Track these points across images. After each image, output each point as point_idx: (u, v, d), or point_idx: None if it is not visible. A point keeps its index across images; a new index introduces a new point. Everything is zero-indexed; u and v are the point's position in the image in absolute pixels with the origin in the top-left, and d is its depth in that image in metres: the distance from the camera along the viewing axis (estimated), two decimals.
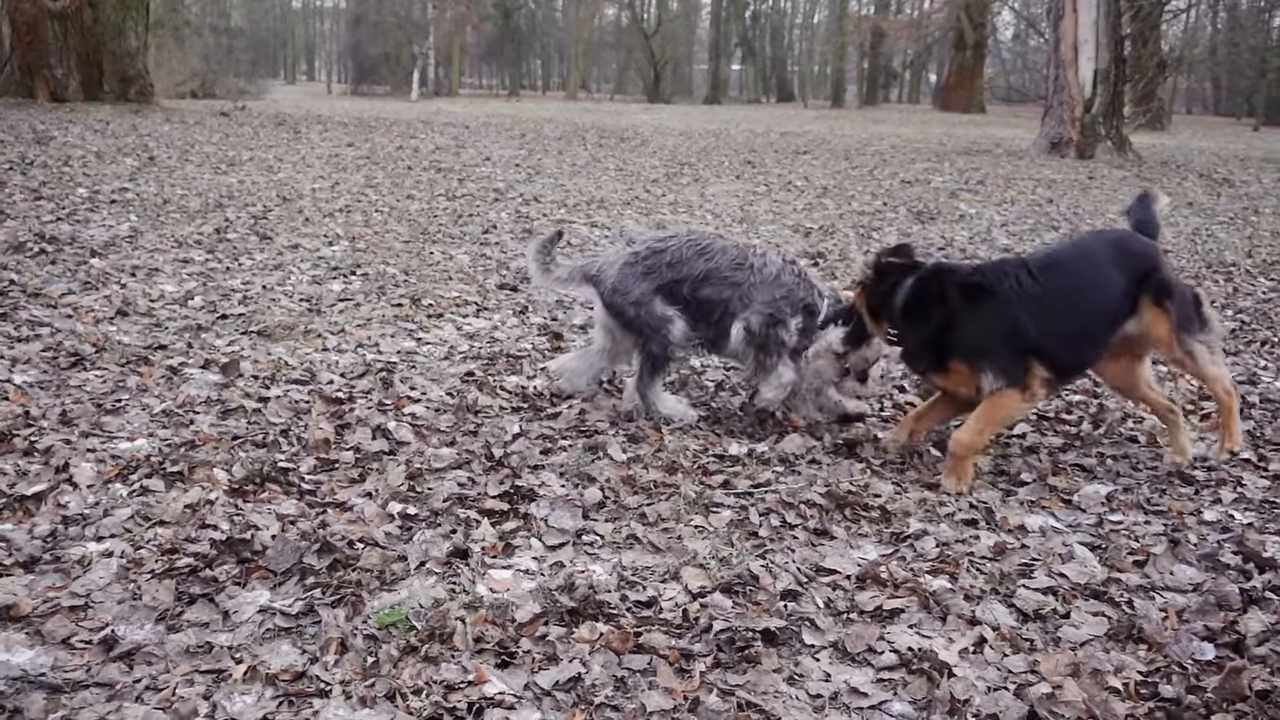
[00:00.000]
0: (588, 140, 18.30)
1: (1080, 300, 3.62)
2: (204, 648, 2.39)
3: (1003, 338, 3.53)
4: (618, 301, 4.05)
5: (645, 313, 4.01)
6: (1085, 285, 3.66)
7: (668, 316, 4.01)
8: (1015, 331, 3.51)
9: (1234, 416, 3.81)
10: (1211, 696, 2.29)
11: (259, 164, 11.89)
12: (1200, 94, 63.07)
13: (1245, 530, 3.18)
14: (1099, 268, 3.68)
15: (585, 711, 2.20)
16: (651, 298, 4.01)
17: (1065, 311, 3.57)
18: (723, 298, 4.01)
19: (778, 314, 3.99)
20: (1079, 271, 3.70)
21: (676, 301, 4.02)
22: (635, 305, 4.02)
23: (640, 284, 4.02)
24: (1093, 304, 3.64)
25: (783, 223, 9.33)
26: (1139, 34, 21.04)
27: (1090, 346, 3.68)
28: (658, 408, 4.05)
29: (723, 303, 4.01)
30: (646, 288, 4.02)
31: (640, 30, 59.10)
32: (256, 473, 3.30)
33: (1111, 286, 3.65)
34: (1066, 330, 3.57)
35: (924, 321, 3.62)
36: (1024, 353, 3.50)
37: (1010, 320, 3.52)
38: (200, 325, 5.05)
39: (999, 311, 3.53)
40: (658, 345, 4.02)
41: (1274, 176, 15.76)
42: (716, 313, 4.03)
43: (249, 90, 33.93)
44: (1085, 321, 3.64)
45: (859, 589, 2.77)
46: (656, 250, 4.07)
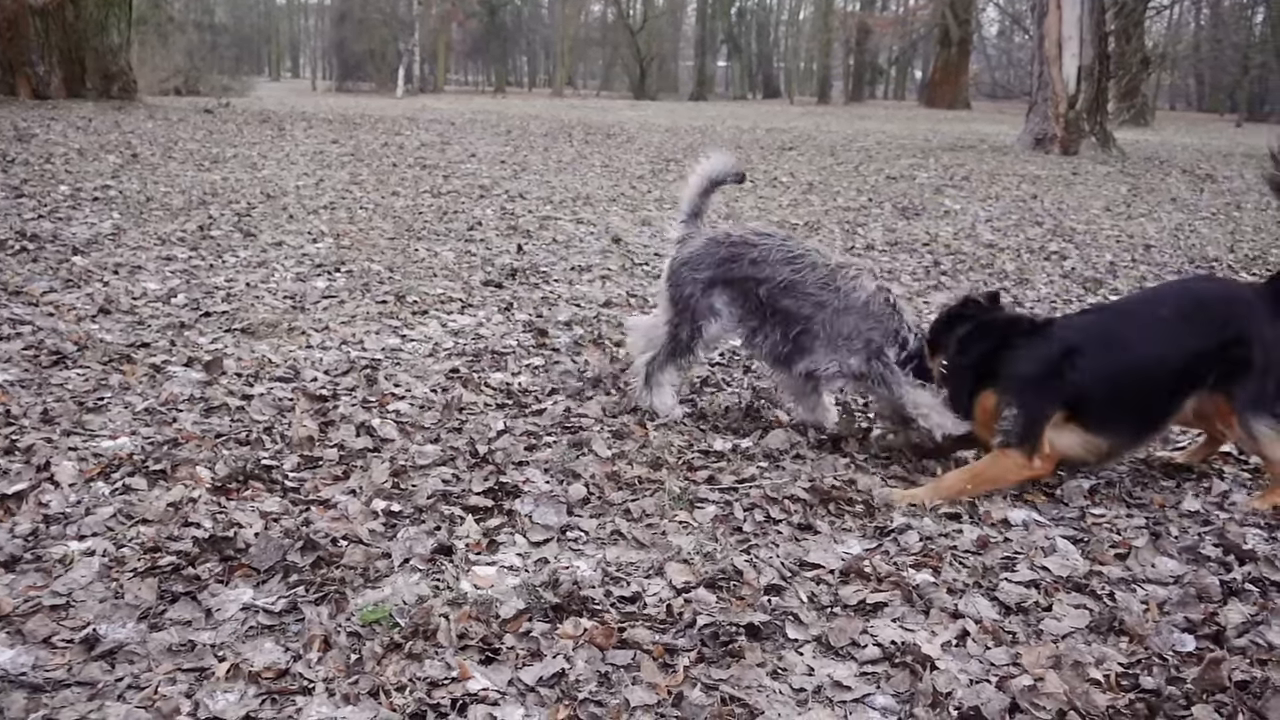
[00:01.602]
0: (573, 137, 18.28)
1: (1130, 365, 3.35)
2: (186, 646, 2.38)
3: (1031, 394, 3.35)
4: (683, 274, 3.95)
5: (698, 298, 3.92)
6: (1140, 347, 3.37)
7: (715, 310, 3.91)
8: (1044, 390, 3.33)
9: None
10: (1191, 688, 2.31)
11: (243, 161, 11.84)
12: (1184, 90, 63.44)
13: (1226, 523, 3.20)
14: (1168, 323, 3.38)
15: (569, 707, 2.20)
16: (713, 287, 3.90)
17: (1108, 377, 3.33)
18: (804, 314, 3.79)
19: (873, 349, 3.75)
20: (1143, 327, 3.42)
21: (747, 301, 3.87)
22: (694, 285, 3.92)
23: (711, 269, 3.91)
24: (1142, 371, 3.35)
25: (768, 219, 9.34)
26: (1122, 30, 21.13)
27: (1133, 419, 3.40)
28: (651, 394, 4.00)
29: (803, 319, 3.79)
30: (715, 275, 3.90)
31: (626, 26, 59.08)
32: (240, 470, 3.28)
33: (1174, 353, 3.34)
34: (1105, 398, 3.34)
35: (967, 361, 3.51)
36: (1045, 416, 3.32)
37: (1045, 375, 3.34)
38: (183, 323, 5.02)
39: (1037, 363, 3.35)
40: (687, 334, 3.95)
41: (1256, 172, 15.85)
42: (795, 328, 3.81)
43: (233, 87, 33.75)
44: (1131, 390, 3.35)
45: (842, 583, 2.78)
46: (746, 243, 3.90)
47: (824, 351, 3.80)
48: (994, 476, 3.37)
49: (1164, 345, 3.35)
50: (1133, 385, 3.34)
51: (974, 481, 3.36)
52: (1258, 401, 3.30)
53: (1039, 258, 7.93)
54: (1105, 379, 3.33)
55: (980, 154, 17.26)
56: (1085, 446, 3.38)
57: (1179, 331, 3.35)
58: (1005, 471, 3.35)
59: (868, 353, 3.76)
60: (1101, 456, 3.47)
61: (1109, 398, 3.33)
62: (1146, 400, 3.37)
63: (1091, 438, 3.36)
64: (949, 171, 14.13)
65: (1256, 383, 3.30)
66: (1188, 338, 3.33)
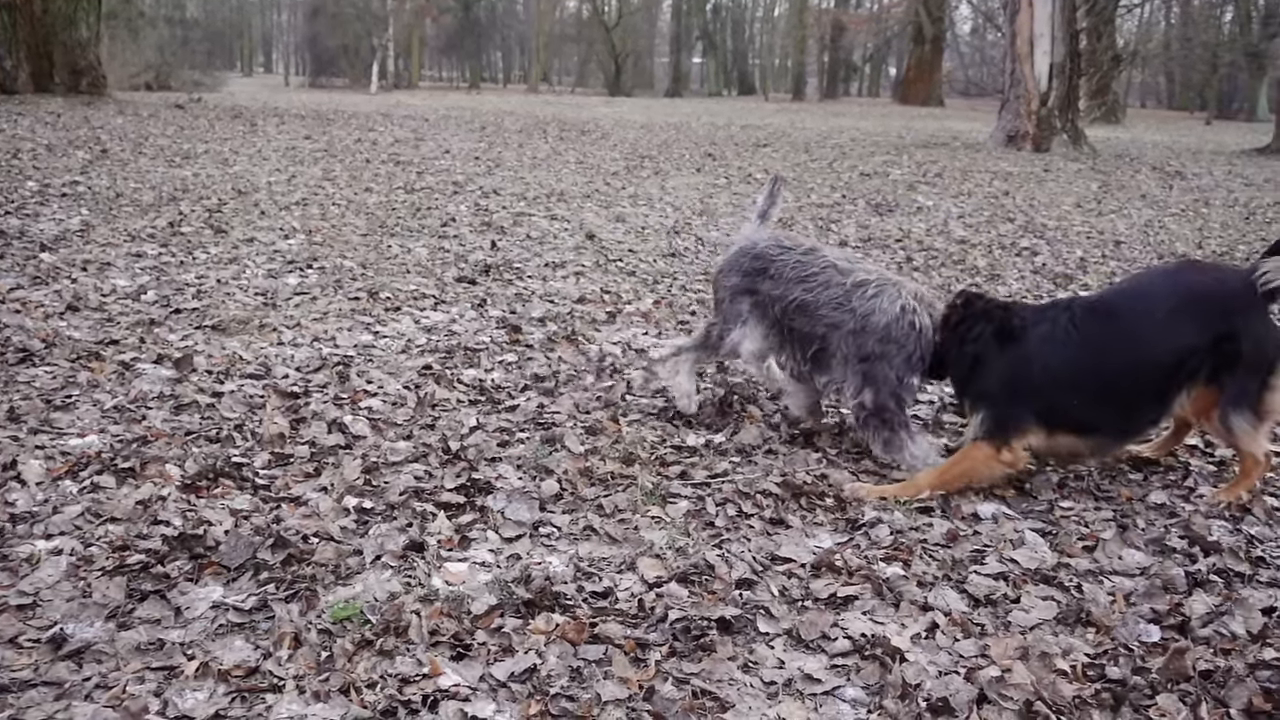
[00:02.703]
0: (548, 133, 18.25)
1: (1117, 358, 3.29)
2: (155, 645, 2.36)
3: (1004, 384, 3.35)
4: (719, 280, 4.01)
5: (728, 303, 3.92)
6: (1129, 339, 3.29)
7: (742, 318, 3.88)
8: (1019, 381, 3.33)
9: (1251, 480, 3.39)
10: (1156, 677, 2.34)
11: (214, 157, 11.74)
12: (1154, 88, 64.03)
13: (1191, 515, 3.24)
14: (1156, 322, 3.29)
15: (540, 702, 2.20)
16: (741, 295, 3.88)
17: (1093, 369, 3.29)
18: (817, 334, 3.69)
19: (886, 378, 3.57)
20: (1128, 321, 3.32)
21: (766, 315, 3.82)
22: (725, 290, 3.93)
23: (739, 277, 3.89)
24: (1132, 364, 3.29)
25: (742, 215, 9.36)
26: (1094, 28, 21.29)
27: (1120, 413, 3.36)
28: (670, 378, 4.03)
29: (818, 338, 3.69)
30: (741, 284, 3.88)
31: (601, 23, 58.98)
32: (210, 468, 3.26)
33: (1168, 343, 3.27)
34: (1090, 392, 3.30)
35: (960, 354, 3.47)
36: (1022, 407, 3.32)
37: (1019, 368, 3.33)
38: (153, 320, 4.98)
39: (1012, 355, 3.34)
40: (716, 334, 3.95)
41: (1224, 169, 16.05)
42: (811, 348, 3.73)
43: (204, 82, 33.42)
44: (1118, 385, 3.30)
45: (814, 577, 2.79)
46: (764, 257, 3.83)
47: (841, 371, 3.68)
48: (965, 471, 3.37)
49: (1153, 345, 3.27)
50: (1116, 388, 3.29)
51: (946, 478, 3.37)
52: (1240, 398, 3.26)
53: (1010, 254, 7.99)
54: (1085, 385, 3.29)
55: (953, 151, 17.37)
56: (1075, 446, 3.40)
57: (1170, 328, 3.25)
58: (976, 466, 3.35)
59: (880, 386, 3.58)
60: (1093, 453, 3.48)
61: (1093, 403, 3.29)
62: (1133, 402, 3.32)
63: (1072, 439, 3.37)
64: (922, 168, 14.20)
65: (1242, 379, 3.25)
66: (1179, 335, 3.24)
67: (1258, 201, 11.77)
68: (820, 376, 3.76)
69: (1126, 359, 3.28)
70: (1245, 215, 10.60)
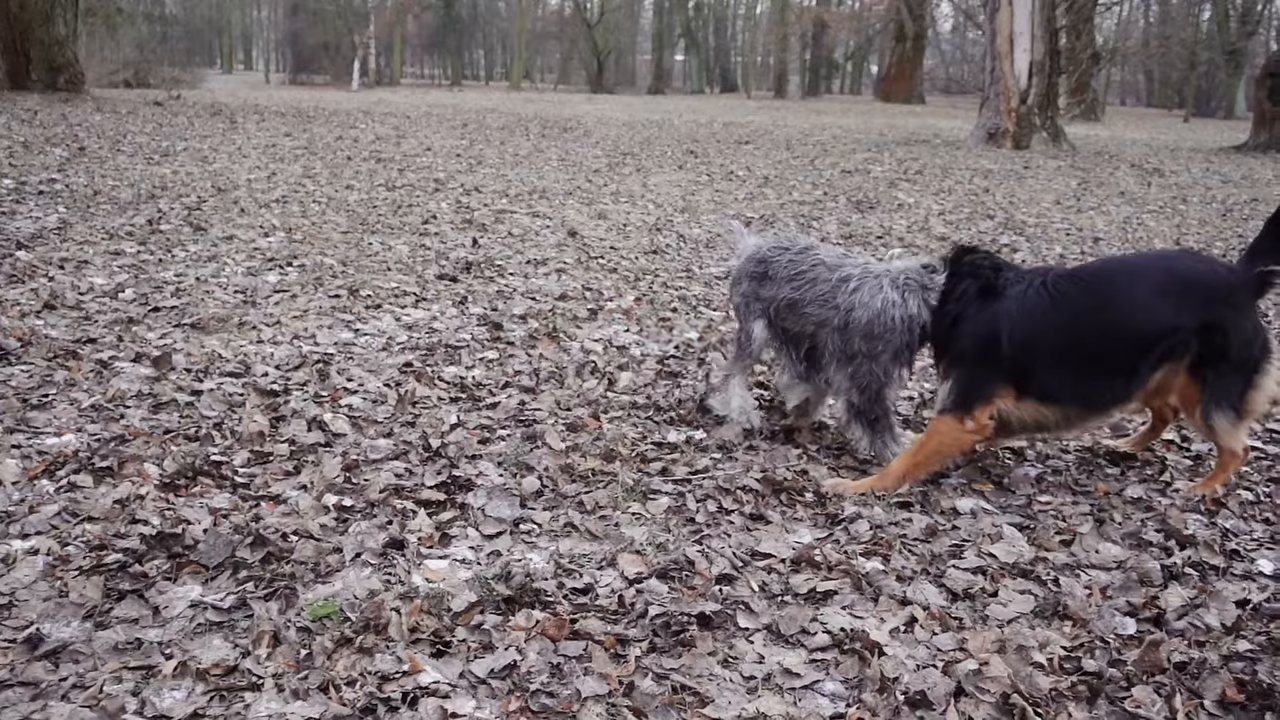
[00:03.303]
0: (530, 130, 18.22)
1: (1090, 326, 3.25)
2: (133, 644, 2.35)
3: (976, 346, 3.32)
4: (732, 291, 4.01)
5: (742, 309, 3.92)
6: (1109, 311, 3.24)
7: (755, 316, 3.86)
8: (990, 342, 3.28)
9: (1227, 474, 3.41)
10: (1132, 669, 2.36)
11: (193, 154, 11.67)
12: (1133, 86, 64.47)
13: (1168, 509, 3.26)
14: (1139, 294, 3.26)
15: (520, 698, 2.21)
16: (751, 300, 3.87)
17: (1064, 334, 3.25)
18: (806, 332, 3.69)
19: (873, 378, 3.56)
20: (1110, 292, 3.28)
21: (764, 317, 3.83)
22: (740, 297, 3.93)
23: (747, 283, 3.88)
24: (1104, 334, 3.25)
25: (724, 212, 9.37)
26: (1073, 26, 21.41)
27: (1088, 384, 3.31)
28: (720, 396, 3.97)
29: (807, 336, 3.71)
30: (750, 289, 3.87)
31: (583, 20, 58.93)
32: (188, 467, 3.25)
33: (1144, 318, 3.24)
34: (1059, 357, 3.27)
35: (941, 312, 3.44)
36: (991, 371, 3.29)
37: (991, 328, 3.28)
38: (131, 318, 4.95)
39: (988, 315, 3.30)
40: (744, 339, 3.92)
41: (1202, 166, 16.17)
42: (803, 346, 3.75)
43: (184, 79, 33.21)
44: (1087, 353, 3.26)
45: (793, 572, 2.80)
46: (765, 260, 3.83)
47: (831, 368, 3.67)
48: (936, 449, 3.36)
49: (1133, 319, 3.24)
50: (1085, 356, 3.26)
51: (919, 459, 3.37)
52: (1224, 396, 3.24)
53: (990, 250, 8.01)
54: (1059, 353, 3.25)
55: (934, 148, 17.43)
56: (1039, 416, 3.37)
57: (1153, 306, 3.22)
58: (945, 441, 3.34)
59: (866, 384, 3.58)
60: (1058, 426, 3.45)
61: (1062, 369, 3.27)
62: (1101, 373, 3.28)
63: (1044, 408, 3.34)
64: (903, 165, 14.25)
65: (1227, 376, 3.23)
66: (1162, 314, 3.21)
67: (1234, 198, 11.87)
68: (817, 375, 3.76)
69: (1099, 328, 3.24)
70: (1222, 212, 10.69)
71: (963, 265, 3.46)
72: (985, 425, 3.32)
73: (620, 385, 4.36)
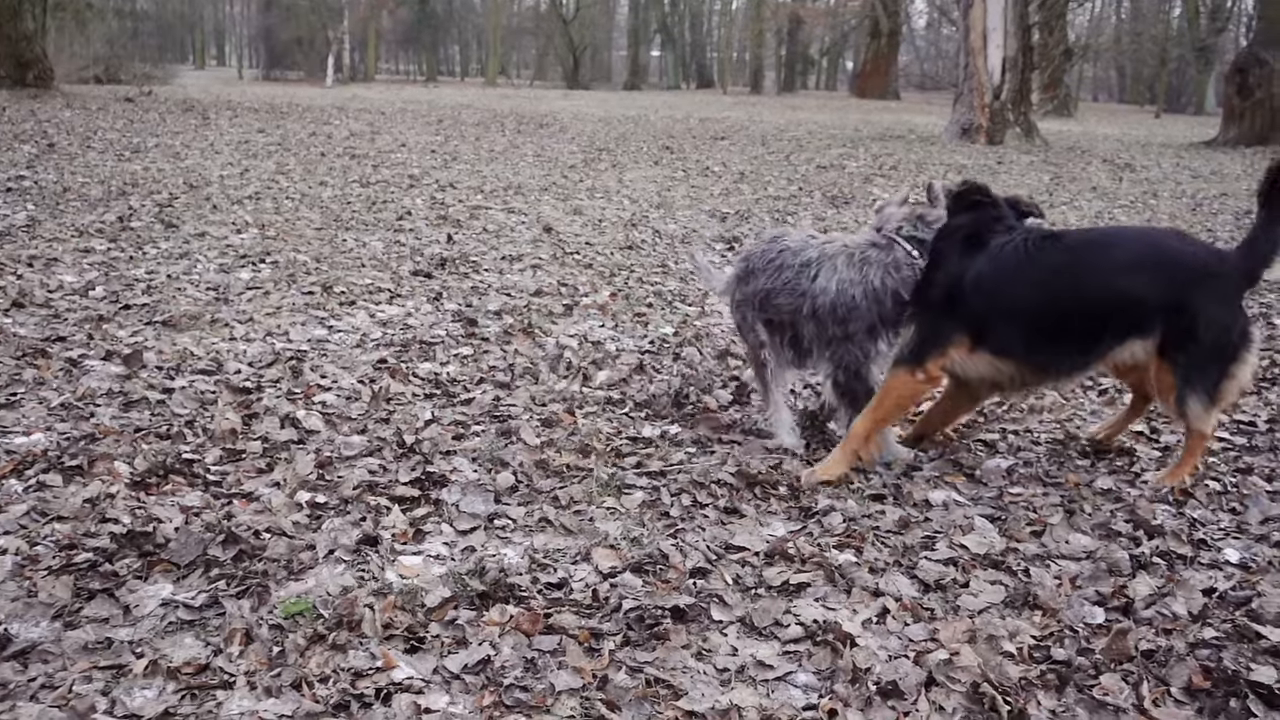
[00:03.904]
0: (506, 126, 18.17)
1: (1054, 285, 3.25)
2: (103, 644, 2.33)
3: (940, 291, 3.32)
4: (731, 310, 3.90)
5: (741, 325, 3.82)
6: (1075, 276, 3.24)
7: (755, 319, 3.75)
8: (953, 288, 3.28)
9: (1195, 457, 3.42)
10: (1100, 658, 2.39)
11: (165, 151, 11.57)
12: (1105, 82, 65.04)
13: (1136, 500, 3.30)
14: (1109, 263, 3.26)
15: (494, 693, 2.21)
16: (745, 306, 3.77)
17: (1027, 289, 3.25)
18: (785, 321, 3.65)
19: (852, 358, 3.53)
20: (1081, 258, 3.28)
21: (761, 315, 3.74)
22: (737, 310, 3.83)
23: (738, 288, 3.80)
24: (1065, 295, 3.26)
25: (699, 208, 9.39)
26: (1046, 23, 21.58)
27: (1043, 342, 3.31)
28: (776, 431, 3.74)
29: (787, 325, 3.65)
30: (741, 294, 3.78)
31: (559, 16, 58.79)
32: (160, 465, 3.22)
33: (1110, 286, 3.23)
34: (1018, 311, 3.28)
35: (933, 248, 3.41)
36: (949, 320, 3.30)
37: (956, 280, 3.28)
38: (102, 316, 4.90)
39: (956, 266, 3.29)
40: (754, 345, 3.80)
41: (1173, 161, 16.33)
42: (786, 334, 3.68)
43: (156, 75, 32.89)
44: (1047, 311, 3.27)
45: (767, 565, 2.82)
46: (745, 258, 3.81)
47: (818, 353, 3.64)
48: (894, 403, 3.40)
49: (1095, 287, 3.23)
50: (1048, 317, 3.27)
51: (879, 416, 3.39)
52: (1199, 383, 3.22)
53: None
54: (1018, 308, 3.27)
55: (908, 144, 17.52)
56: (992, 371, 3.39)
57: (1119, 277, 3.22)
58: (899, 394, 3.37)
59: (845, 366, 3.56)
60: (1011, 384, 3.47)
61: (1021, 327, 3.28)
62: (1058, 334, 3.29)
63: (998, 362, 3.35)
64: (878, 161, 14.31)
65: (1203, 364, 3.21)
66: (1127, 286, 3.21)
67: (1204, 193, 11.99)
68: (808, 361, 3.72)
69: (1061, 290, 3.25)
70: (1192, 207, 10.80)
71: (963, 204, 3.44)
72: (937, 376, 3.37)
73: (596, 381, 4.36)
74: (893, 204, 3.76)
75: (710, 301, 5.92)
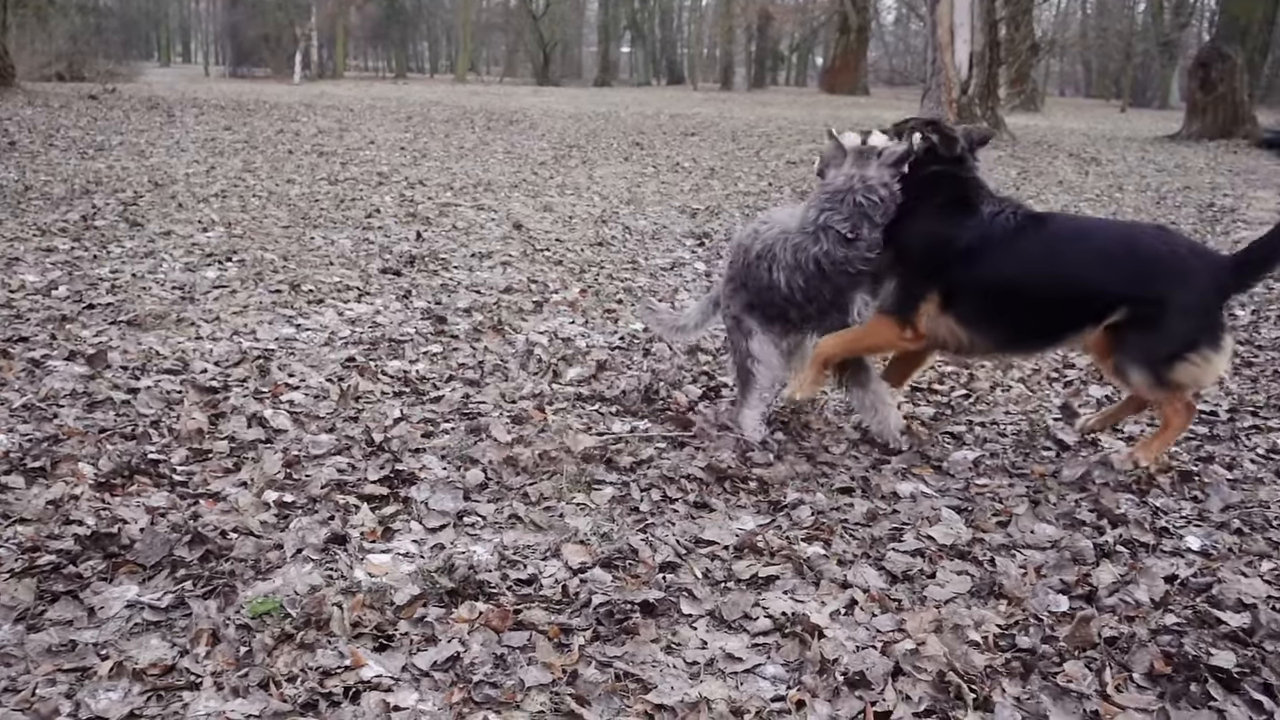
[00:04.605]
0: (475, 123, 18.11)
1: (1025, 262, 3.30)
2: (67, 646, 2.31)
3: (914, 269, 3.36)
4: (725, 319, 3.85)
5: (732, 327, 3.79)
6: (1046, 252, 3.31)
7: (750, 329, 3.71)
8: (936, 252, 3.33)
9: (1168, 434, 3.43)
10: (1064, 645, 2.42)
11: (130, 149, 11.44)
12: (1072, 77, 65.64)
13: (1101, 489, 3.34)
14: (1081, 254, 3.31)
15: (463, 689, 2.21)
16: (741, 312, 3.74)
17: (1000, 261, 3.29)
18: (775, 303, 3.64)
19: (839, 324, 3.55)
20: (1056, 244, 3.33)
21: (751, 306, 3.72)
22: (731, 319, 3.79)
23: (733, 298, 3.77)
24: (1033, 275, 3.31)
25: (669, 204, 9.40)
26: (1012, 18, 21.69)
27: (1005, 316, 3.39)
28: (741, 424, 3.74)
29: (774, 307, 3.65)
30: (729, 289, 3.77)
31: (529, 12, 58.52)
32: (125, 465, 3.19)
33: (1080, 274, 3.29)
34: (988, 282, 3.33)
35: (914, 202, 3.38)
36: (928, 280, 3.35)
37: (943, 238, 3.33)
38: (65, 316, 4.84)
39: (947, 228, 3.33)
40: (738, 360, 3.77)
41: (1138, 155, 16.51)
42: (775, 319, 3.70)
43: (120, 72, 32.44)
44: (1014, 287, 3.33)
45: (736, 558, 2.83)
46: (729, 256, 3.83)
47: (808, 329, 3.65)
48: (867, 344, 3.52)
49: (1061, 273, 3.29)
50: (1013, 297, 3.33)
51: (851, 344, 3.51)
52: (1138, 350, 3.23)
53: None
54: (987, 282, 3.32)
55: None
56: (954, 338, 3.44)
57: (1089, 266, 3.28)
58: (878, 337, 3.47)
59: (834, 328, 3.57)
60: (970, 353, 3.58)
61: (986, 301, 3.34)
62: (1020, 311, 3.36)
63: (958, 328, 3.40)
64: None
65: (1148, 338, 3.22)
66: (1094, 277, 3.27)
67: (1168, 186, 12.14)
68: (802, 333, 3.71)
69: (1032, 267, 3.29)
70: (1156, 200, 10.93)
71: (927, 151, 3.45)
72: (922, 335, 3.43)
73: (566, 377, 4.36)
74: (833, 163, 3.63)
75: (680, 298, 5.94)
